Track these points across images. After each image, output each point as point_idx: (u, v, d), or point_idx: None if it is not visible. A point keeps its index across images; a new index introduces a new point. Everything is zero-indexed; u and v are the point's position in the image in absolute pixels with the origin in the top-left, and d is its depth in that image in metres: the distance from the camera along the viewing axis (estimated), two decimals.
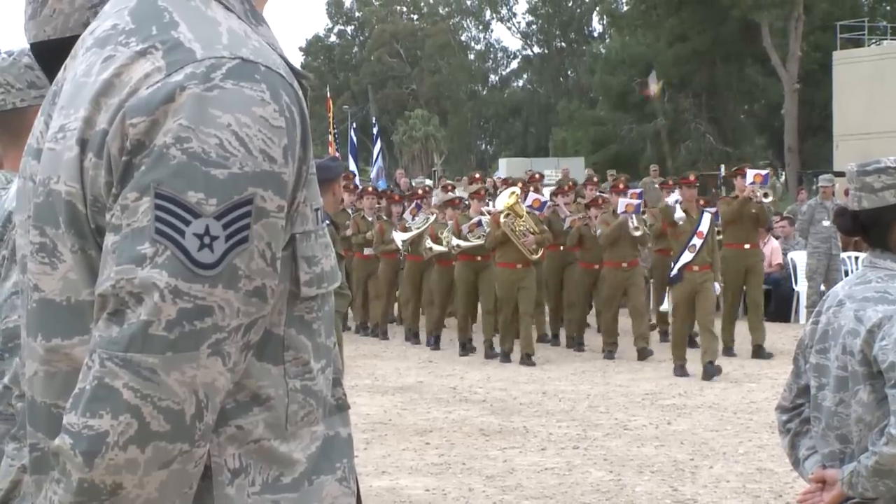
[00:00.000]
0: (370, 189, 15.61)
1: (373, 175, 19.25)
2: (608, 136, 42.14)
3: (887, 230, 2.97)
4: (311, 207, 1.44)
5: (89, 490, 1.30)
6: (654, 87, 21.27)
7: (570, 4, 59.74)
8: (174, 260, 1.29)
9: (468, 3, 63.74)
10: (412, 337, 13.80)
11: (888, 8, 42.78)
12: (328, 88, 31.94)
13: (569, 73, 59.98)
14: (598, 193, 13.53)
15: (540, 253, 12.00)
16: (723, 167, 31.23)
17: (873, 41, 36.47)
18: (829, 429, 3.00)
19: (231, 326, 1.32)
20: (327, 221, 6.82)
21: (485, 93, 63.62)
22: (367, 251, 14.22)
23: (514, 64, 65.60)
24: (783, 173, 26.14)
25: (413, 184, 20.52)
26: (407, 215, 13.72)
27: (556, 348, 13.27)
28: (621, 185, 13.13)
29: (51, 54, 1.95)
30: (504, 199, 12.08)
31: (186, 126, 1.31)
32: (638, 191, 13.66)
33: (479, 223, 12.26)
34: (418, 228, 13.14)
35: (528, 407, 9.81)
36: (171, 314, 1.29)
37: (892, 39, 36.85)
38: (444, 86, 58.11)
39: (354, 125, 24.89)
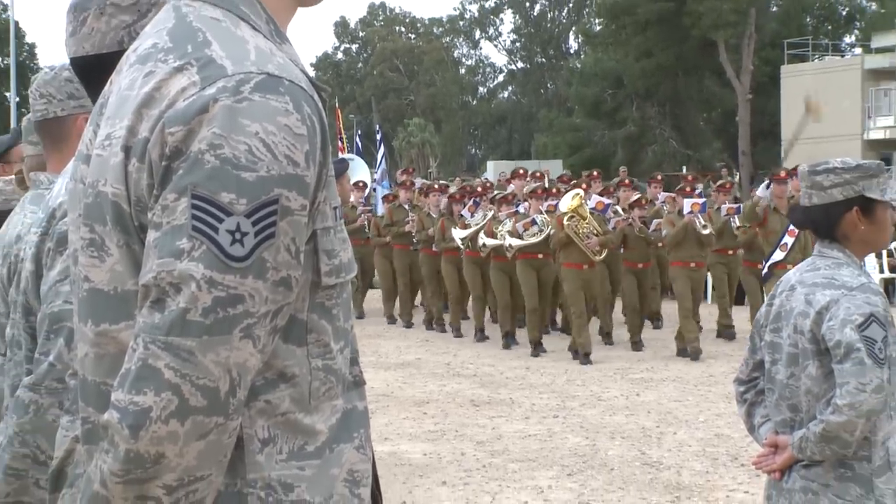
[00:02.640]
0: (436, 186, 14.03)
1: (377, 177, 19.11)
2: (583, 141, 42.06)
3: (835, 224, 2.96)
4: (330, 206, 1.44)
5: (135, 459, 1.29)
6: (813, 111, 20.71)
7: (549, 25, 59.64)
8: (209, 254, 1.29)
9: (460, 23, 63.61)
10: (478, 333, 12.23)
11: (829, 28, 42.87)
12: (337, 100, 31.87)
13: (548, 85, 59.86)
14: (637, 195, 12.25)
15: (604, 254, 10.86)
16: (684, 168, 31.31)
17: (816, 57, 36.57)
18: (782, 399, 2.99)
19: (260, 312, 1.31)
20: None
21: (474, 103, 63.48)
22: (434, 247, 12.91)
23: (500, 77, 65.52)
24: (737, 174, 26.23)
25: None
26: (465, 212, 12.37)
27: (553, 335, 12.35)
28: (688, 189, 11.69)
29: (89, 68, 1.93)
30: (567, 202, 10.81)
31: (219, 134, 1.30)
32: (699, 192, 12.43)
33: (533, 221, 11.04)
34: (477, 225, 11.97)
35: (513, 381, 9.81)
36: (206, 302, 1.28)
37: (832, 55, 36.93)
38: (439, 97, 57.98)
39: (360, 132, 24.75)
